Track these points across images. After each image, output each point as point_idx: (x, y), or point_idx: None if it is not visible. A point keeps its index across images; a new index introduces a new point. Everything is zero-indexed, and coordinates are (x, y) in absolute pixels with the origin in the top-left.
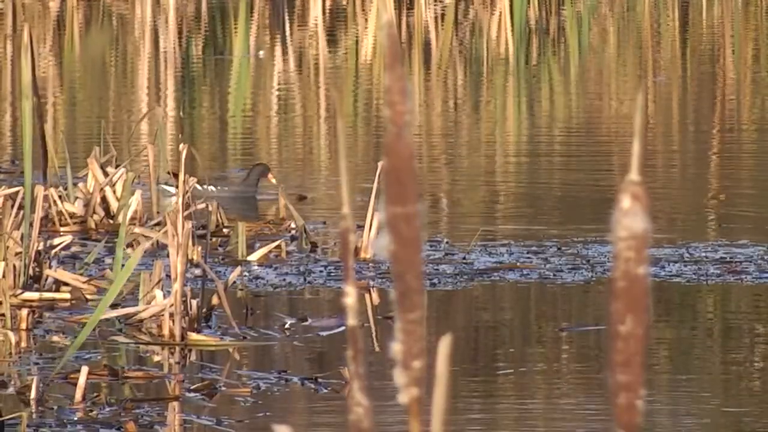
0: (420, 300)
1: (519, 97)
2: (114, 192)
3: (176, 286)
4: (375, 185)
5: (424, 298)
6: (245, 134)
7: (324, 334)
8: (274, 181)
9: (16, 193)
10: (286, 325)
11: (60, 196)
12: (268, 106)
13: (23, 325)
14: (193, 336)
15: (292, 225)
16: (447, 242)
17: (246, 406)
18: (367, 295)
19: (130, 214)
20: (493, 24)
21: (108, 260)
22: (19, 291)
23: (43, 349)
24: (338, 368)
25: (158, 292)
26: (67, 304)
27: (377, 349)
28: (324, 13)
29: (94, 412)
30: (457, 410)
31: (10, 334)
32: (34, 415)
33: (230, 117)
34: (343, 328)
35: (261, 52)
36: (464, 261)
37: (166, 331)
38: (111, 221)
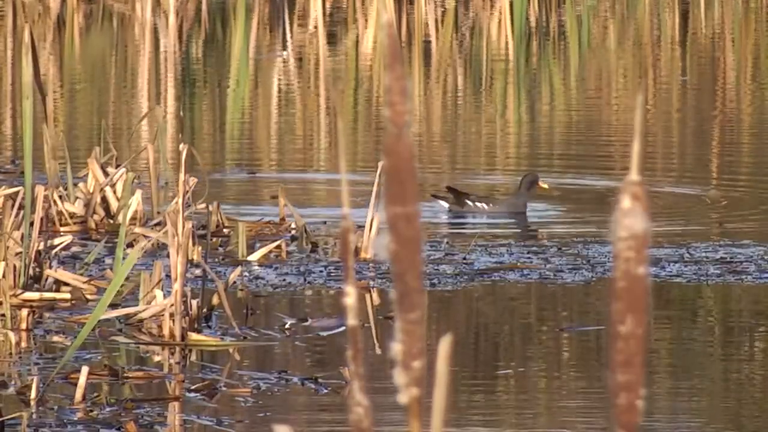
0: (420, 300)
1: (519, 97)
2: (114, 192)
3: (176, 286)
4: (375, 185)
5: (424, 298)
6: (245, 134)
7: (324, 334)
8: (546, 186)
9: (16, 193)
10: (286, 325)
11: (60, 196)
12: (268, 105)
13: (23, 325)
14: (194, 336)
15: (292, 225)
16: (447, 242)
17: (246, 406)
18: (367, 295)
19: (130, 214)
20: (493, 24)
21: (108, 260)
22: (20, 291)
23: (44, 349)
24: (338, 368)
25: (158, 292)
26: (68, 304)
27: (377, 349)
28: (324, 13)
29: (95, 412)
30: (458, 410)
31: (10, 334)
32: (34, 415)
33: (230, 117)
34: (343, 328)
35: (284, 53)
36: (464, 261)
37: (166, 331)
38: (111, 221)
